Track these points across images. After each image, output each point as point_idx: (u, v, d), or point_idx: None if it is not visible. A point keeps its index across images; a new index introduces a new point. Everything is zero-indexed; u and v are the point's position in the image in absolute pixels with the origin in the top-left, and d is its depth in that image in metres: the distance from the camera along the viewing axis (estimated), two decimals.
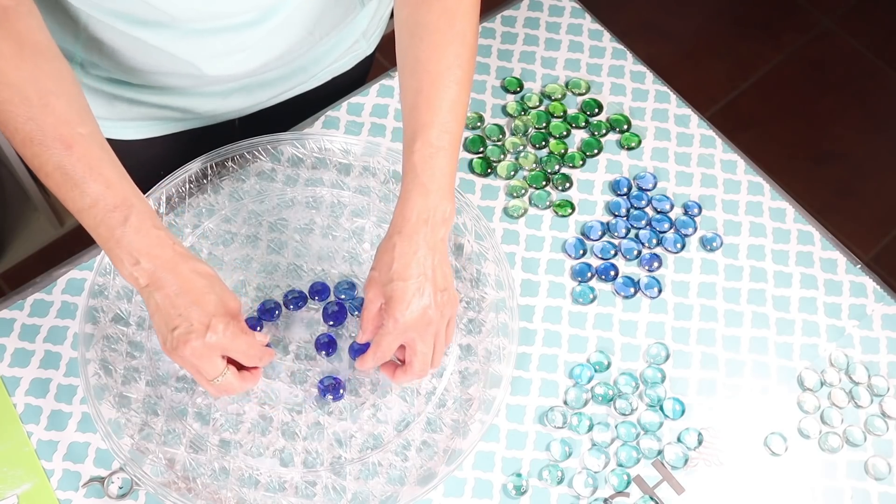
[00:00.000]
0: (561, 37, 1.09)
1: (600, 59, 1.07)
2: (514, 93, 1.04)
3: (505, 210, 0.97)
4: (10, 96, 0.68)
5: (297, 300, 0.89)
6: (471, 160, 0.99)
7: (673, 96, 1.05)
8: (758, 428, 0.87)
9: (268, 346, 0.78)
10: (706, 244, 0.96)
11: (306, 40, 0.91)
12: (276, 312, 0.88)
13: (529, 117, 1.02)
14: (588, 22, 1.10)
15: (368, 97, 1.03)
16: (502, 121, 1.02)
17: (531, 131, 1.02)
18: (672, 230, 0.96)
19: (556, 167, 0.99)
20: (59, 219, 1.85)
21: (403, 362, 0.79)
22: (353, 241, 0.92)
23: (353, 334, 0.87)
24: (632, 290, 0.93)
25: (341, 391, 0.84)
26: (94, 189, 0.69)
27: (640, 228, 0.96)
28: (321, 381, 0.84)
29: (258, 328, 0.87)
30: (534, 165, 0.99)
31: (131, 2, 0.76)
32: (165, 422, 0.82)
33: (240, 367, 0.76)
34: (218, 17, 0.80)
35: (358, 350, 0.84)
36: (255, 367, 0.78)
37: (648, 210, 0.98)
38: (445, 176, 0.76)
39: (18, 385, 0.85)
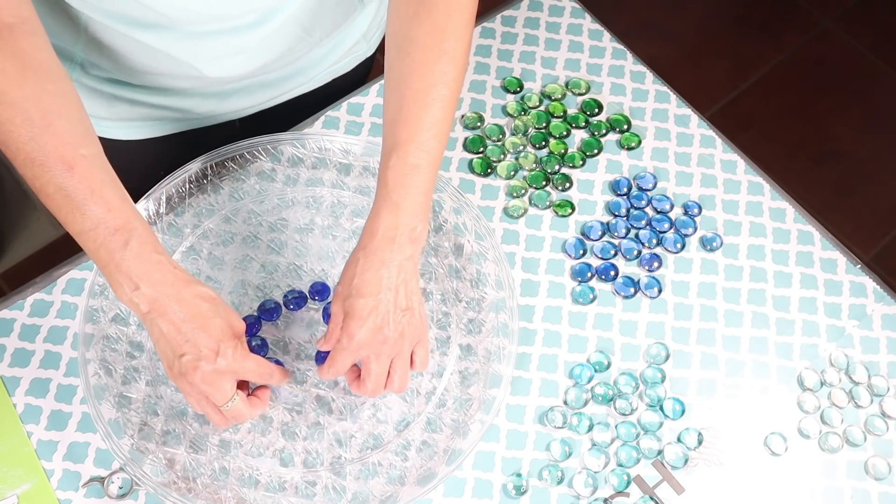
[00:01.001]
0: (561, 37, 1.09)
1: (600, 59, 1.07)
2: (514, 93, 1.04)
3: (505, 210, 0.97)
4: (11, 116, 0.67)
5: (297, 300, 0.89)
6: (471, 160, 0.99)
7: (673, 96, 1.05)
8: (758, 428, 0.87)
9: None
10: (706, 244, 0.96)
11: (306, 42, 0.91)
12: (276, 312, 0.88)
13: (529, 117, 1.02)
14: (588, 22, 1.10)
15: (368, 97, 1.03)
16: (502, 121, 1.02)
17: (531, 131, 1.02)
18: (672, 230, 0.96)
19: (556, 167, 0.99)
20: None
21: None
22: (353, 241, 0.92)
23: None
24: (632, 290, 0.93)
25: None
26: (96, 211, 0.68)
27: (640, 228, 0.96)
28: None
29: (258, 328, 0.87)
30: (534, 165, 0.99)
31: (131, 5, 0.75)
32: (165, 422, 0.82)
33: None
34: (218, 20, 0.80)
35: (323, 358, 0.83)
36: (264, 391, 0.77)
37: (648, 210, 0.98)
38: (420, 194, 0.75)
39: (18, 385, 0.85)
